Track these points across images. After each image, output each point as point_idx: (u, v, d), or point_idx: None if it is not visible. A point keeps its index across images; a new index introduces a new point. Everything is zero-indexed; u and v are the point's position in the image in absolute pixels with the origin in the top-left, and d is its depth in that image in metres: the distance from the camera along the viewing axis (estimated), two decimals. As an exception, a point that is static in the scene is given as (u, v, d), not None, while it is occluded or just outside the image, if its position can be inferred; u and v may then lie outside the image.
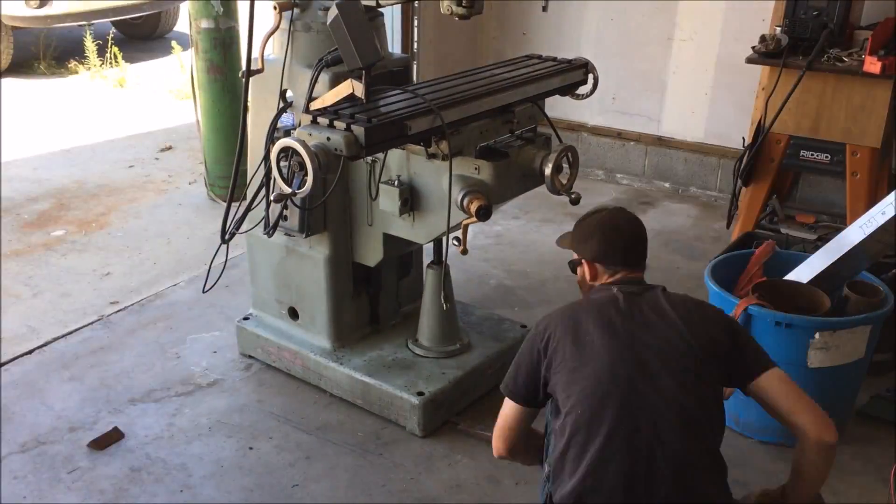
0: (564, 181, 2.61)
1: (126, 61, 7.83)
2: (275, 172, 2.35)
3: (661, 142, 5.18)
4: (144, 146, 5.91)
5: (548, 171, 2.56)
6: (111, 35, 8.23)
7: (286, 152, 2.25)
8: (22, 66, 7.92)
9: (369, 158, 2.72)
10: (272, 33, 2.76)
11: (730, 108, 4.86)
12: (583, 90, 2.93)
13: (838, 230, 3.00)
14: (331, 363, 3.05)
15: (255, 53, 2.76)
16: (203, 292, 3.19)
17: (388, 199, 2.68)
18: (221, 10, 4.52)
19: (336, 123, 2.28)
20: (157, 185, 5.22)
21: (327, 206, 2.87)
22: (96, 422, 2.94)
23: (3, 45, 7.65)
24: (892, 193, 2.72)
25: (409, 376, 2.96)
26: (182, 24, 9.11)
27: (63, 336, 3.47)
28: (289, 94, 2.81)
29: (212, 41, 4.58)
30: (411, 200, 2.69)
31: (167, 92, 7.32)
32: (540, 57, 2.98)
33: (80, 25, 8.02)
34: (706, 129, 5.03)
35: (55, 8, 7.44)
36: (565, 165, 2.62)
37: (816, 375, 2.69)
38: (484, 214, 2.46)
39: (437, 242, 3.01)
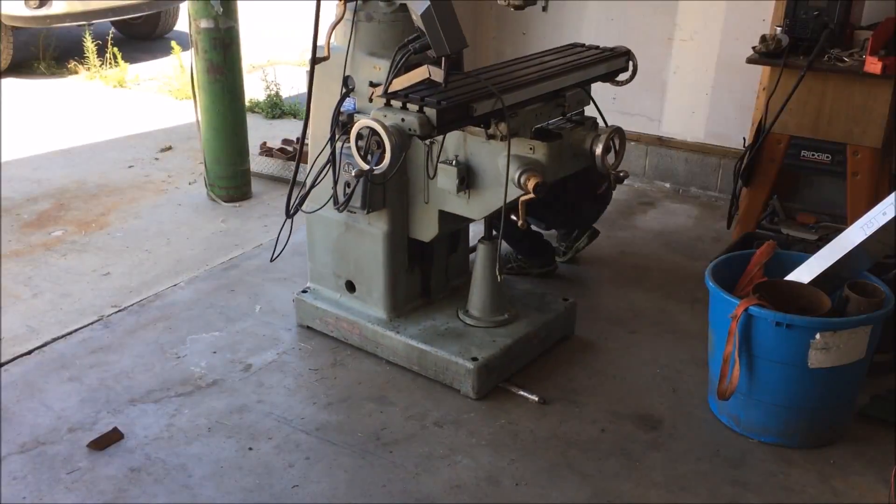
0: (611, 162, 2.81)
1: (126, 61, 7.83)
2: (353, 150, 2.55)
3: (661, 142, 5.18)
4: (144, 146, 5.91)
5: (598, 151, 2.76)
6: (111, 35, 8.23)
7: (364, 132, 2.49)
8: (22, 66, 7.92)
9: (428, 140, 2.89)
10: (337, 23, 2.94)
11: (730, 109, 4.86)
12: (622, 77, 3.14)
13: (839, 230, 3.00)
14: (388, 332, 3.23)
15: (321, 42, 2.93)
16: (271, 261, 3.42)
17: (447, 178, 2.86)
18: (221, 10, 4.52)
19: (409, 106, 2.50)
20: (157, 186, 5.22)
21: (387, 185, 3.05)
22: (96, 422, 2.94)
23: (2, 45, 7.65)
24: (893, 194, 2.72)
25: (463, 343, 3.14)
26: (182, 24, 9.12)
27: (63, 336, 3.47)
28: (350, 80, 3.00)
29: (212, 41, 4.58)
30: (467, 179, 2.87)
31: (167, 92, 7.32)
32: (583, 45, 3.20)
33: (79, 25, 8.02)
34: (707, 129, 5.02)
35: (55, 8, 7.45)
36: (613, 146, 2.83)
37: (817, 376, 2.69)
38: (541, 190, 2.63)
39: (488, 220, 3.18)
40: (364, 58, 2.96)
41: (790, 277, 2.92)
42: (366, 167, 2.55)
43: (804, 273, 2.90)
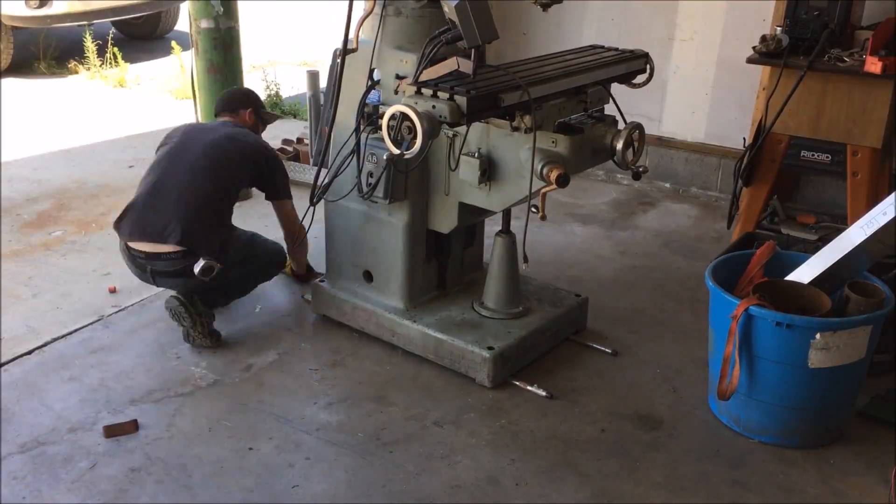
0: (631, 157, 2.85)
1: (126, 61, 7.83)
2: (385, 134, 2.59)
3: (661, 142, 5.17)
4: (144, 146, 5.89)
5: (619, 146, 2.80)
6: (111, 35, 8.24)
7: (396, 118, 2.53)
8: (22, 66, 7.92)
9: (451, 133, 2.96)
10: (366, 17, 3.00)
11: (730, 109, 4.86)
12: (639, 79, 3.18)
13: (839, 231, 2.99)
14: (405, 321, 3.29)
15: (350, 35, 3.00)
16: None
17: (469, 170, 2.93)
18: (221, 10, 4.52)
19: (439, 94, 2.54)
20: (157, 185, 5.20)
21: (408, 176, 3.11)
22: (96, 422, 2.94)
23: (3, 45, 7.65)
24: (893, 194, 2.72)
25: (479, 334, 3.20)
26: (182, 24, 9.12)
27: (63, 336, 3.47)
28: (376, 73, 3.06)
29: (212, 41, 4.58)
30: (489, 171, 2.92)
31: (167, 92, 7.32)
32: (603, 47, 3.26)
33: (79, 25, 8.03)
34: (707, 129, 5.03)
35: (55, 8, 7.45)
36: (633, 142, 2.87)
37: (817, 376, 2.69)
38: (563, 181, 2.67)
39: (506, 214, 3.27)
40: (391, 51, 3.02)
41: (790, 277, 2.92)
42: (397, 151, 2.59)
43: (804, 273, 2.90)
